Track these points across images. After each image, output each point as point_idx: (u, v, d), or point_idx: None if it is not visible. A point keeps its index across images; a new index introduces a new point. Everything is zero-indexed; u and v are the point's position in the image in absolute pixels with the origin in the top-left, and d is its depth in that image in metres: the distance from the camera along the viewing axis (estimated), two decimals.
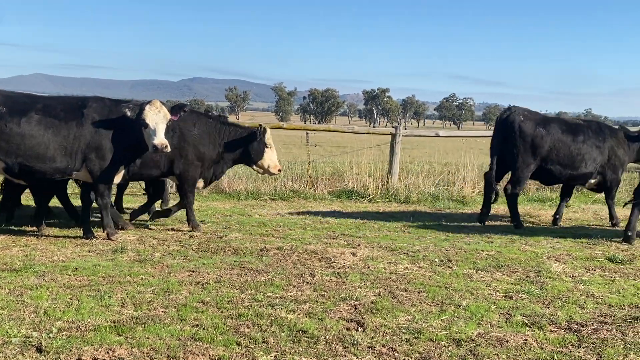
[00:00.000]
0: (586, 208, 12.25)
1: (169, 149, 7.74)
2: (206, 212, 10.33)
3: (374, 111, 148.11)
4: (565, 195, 10.60)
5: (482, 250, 7.80)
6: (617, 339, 4.82)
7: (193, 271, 6.43)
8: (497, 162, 9.84)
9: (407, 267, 6.87)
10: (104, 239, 7.88)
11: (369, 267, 6.82)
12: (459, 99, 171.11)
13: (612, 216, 10.29)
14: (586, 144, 9.77)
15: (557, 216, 10.31)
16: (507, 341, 4.71)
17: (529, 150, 9.56)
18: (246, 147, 8.91)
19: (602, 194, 10.66)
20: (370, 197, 12.50)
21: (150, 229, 8.84)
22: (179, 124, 8.41)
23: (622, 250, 8.09)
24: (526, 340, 4.75)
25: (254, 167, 9.18)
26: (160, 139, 7.62)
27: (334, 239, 8.44)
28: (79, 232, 8.21)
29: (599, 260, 7.47)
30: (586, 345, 4.70)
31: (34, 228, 8.25)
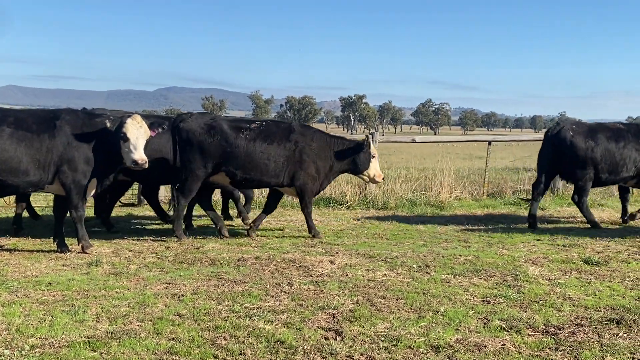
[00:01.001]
0: (562, 210, 12.36)
1: (147, 165, 7.73)
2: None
3: (352, 118, 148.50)
4: (625, 193, 11.10)
5: (460, 255, 7.83)
6: (593, 342, 4.85)
7: (169, 283, 6.36)
8: (546, 174, 10.41)
9: (385, 274, 6.86)
10: (78, 252, 7.77)
11: (347, 275, 6.80)
12: (435, 104, 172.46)
13: None
14: (627, 148, 10.25)
15: (626, 217, 10.85)
16: (485, 346, 4.71)
17: (584, 163, 10.07)
18: (354, 158, 9.42)
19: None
20: (348, 204, 12.51)
21: (124, 239, 8.73)
22: (298, 139, 9.00)
23: (598, 252, 8.17)
24: (504, 344, 4.76)
25: (361, 176, 9.72)
26: (140, 154, 7.66)
27: (312, 247, 8.41)
28: (52, 245, 8.07)
29: (575, 263, 7.53)
30: (563, 348, 4.73)
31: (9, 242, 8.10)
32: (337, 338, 4.85)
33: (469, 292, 6.19)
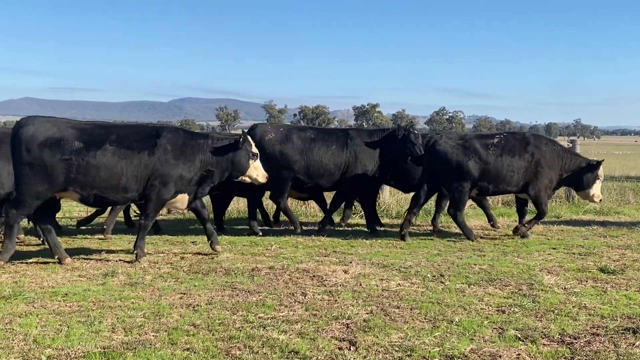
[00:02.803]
0: (577, 218, 12.27)
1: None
2: (198, 233, 10.27)
3: (365, 126, 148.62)
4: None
5: (475, 264, 7.80)
6: (610, 351, 4.81)
7: (184, 293, 6.39)
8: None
9: (399, 284, 6.85)
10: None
11: (361, 285, 6.79)
12: (449, 112, 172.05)
13: None
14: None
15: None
16: (500, 356, 4.69)
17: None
18: (580, 174, 10.07)
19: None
20: (361, 213, 12.48)
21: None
22: (534, 150, 9.75)
23: (614, 261, 8.10)
24: (519, 354, 4.74)
25: (579, 193, 10.49)
26: (264, 171, 8.67)
27: (325, 256, 8.42)
28: (70, 257, 8.15)
29: (590, 272, 7.48)
30: (579, 358, 4.69)
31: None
32: (351, 348, 4.85)
33: (484, 301, 6.16)
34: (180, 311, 5.76)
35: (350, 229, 10.94)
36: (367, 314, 5.72)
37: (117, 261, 8.02)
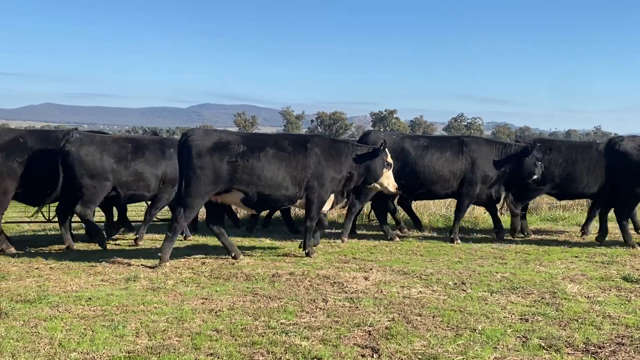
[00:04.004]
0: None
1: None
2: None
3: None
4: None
5: (496, 272, 7.75)
6: None
7: (206, 299, 6.42)
8: None
9: (420, 291, 6.83)
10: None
11: (382, 292, 6.78)
12: (468, 119, 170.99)
13: None
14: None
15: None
16: None
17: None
18: None
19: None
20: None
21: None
22: (634, 156, 9.87)
23: (637, 270, 8.02)
24: None
25: None
26: (394, 181, 9.34)
27: (345, 263, 8.41)
28: (91, 262, 8.24)
29: (614, 280, 7.40)
30: None
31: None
32: (374, 355, 4.84)
33: (507, 310, 6.12)
34: (202, 316, 5.79)
35: (370, 233, 10.92)
36: (388, 321, 5.71)
37: (138, 266, 8.08)
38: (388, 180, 9.25)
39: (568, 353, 4.94)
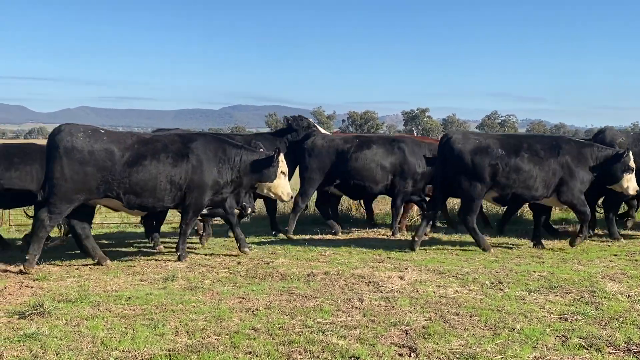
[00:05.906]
0: None
1: None
2: (252, 238, 10.41)
3: (414, 131, 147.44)
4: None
5: (534, 271, 7.66)
6: None
7: (243, 298, 6.49)
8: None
9: (457, 291, 6.79)
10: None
11: (417, 291, 6.76)
12: (501, 116, 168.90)
13: None
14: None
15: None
16: None
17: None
18: None
19: None
20: (415, 219, 12.42)
21: (197, 254, 8.96)
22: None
23: None
24: None
25: None
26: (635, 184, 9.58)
27: (380, 262, 8.41)
28: (130, 262, 8.40)
29: None
30: None
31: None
32: (412, 355, 4.84)
33: (545, 309, 6.05)
34: (240, 315, 5.85)
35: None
36: (425, 320, 5.69)
37: (176, 266, 8.19)
38: (629, 184, 9.49)
39: (609, 352, 4.87)
